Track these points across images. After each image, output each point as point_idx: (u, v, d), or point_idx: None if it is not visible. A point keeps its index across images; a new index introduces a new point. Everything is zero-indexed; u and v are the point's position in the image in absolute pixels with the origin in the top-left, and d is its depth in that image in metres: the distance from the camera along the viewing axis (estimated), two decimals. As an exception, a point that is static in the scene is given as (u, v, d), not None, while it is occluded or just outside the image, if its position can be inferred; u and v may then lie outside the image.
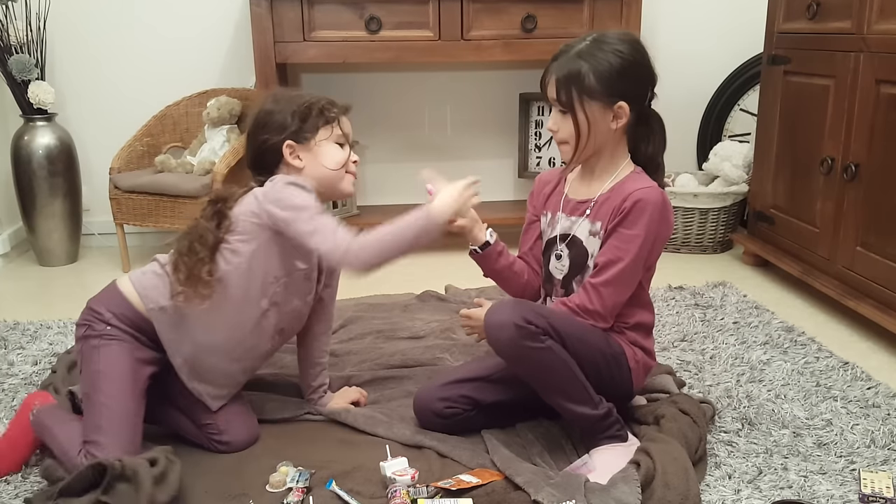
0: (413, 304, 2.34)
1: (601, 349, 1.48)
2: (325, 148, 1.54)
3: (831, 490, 1.40)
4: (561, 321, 1.44)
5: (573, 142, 1.48)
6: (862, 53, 2.12)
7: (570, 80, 1.44)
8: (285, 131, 1.51)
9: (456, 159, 3.22)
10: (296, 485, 1.38)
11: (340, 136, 1.56)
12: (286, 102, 1.54)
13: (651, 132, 1.52)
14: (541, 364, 1.41)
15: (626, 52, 1.44)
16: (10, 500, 1.40)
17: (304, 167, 1.53)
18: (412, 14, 2.62)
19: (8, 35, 2.68)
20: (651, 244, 1.46)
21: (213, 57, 3.01)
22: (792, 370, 1.90)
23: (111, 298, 1.49)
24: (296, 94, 1.58)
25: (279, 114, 1.52)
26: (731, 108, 3.18)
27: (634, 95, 1.46)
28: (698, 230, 2.90)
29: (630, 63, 1.44)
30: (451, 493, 1.34)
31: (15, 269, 2.83)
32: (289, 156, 1.52)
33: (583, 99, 1.44)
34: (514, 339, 1.39)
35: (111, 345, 1.45)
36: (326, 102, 1.55)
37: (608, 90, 1.43)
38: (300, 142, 1.52)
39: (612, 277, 1.45)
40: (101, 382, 1.42)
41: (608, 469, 1.40)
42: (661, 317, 2.24)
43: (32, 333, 2.15)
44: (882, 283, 2.05)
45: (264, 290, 1.50)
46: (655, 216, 1.44)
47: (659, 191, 1.47)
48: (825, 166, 2.27)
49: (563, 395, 1.44)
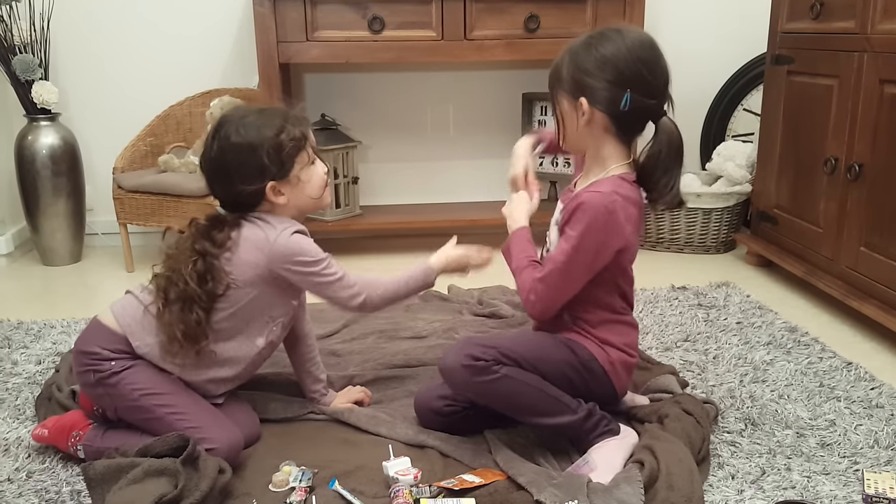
0: (415, 303, 2.34)
1: (566, 359, 1.47)
2: (306, 176, 1.49)
3: (835, 490, 1.40)
4: (513, 343, 1.45)
5: (562, 137, 1.50)
6: (866, 53, 2.11)
7: (553, 72, 1.46)
8: (266, 175, 1.44)
9: (458, 159, 3.22)
10: (299, 484, 1.38)
11: (312, 153, 1.52)
12: (254, 136, 1.42)
13: (658, 144, 1.43)
14: (502, 393, 1.42)
15: (604, 50, 1.39)
16: (14, 500, 1.40)
17: (287, 202, 1.49)
18: (415, 14, 2.62)
19: (11, 35, 2.68)
20: (594, 250, 1.40)
21: (217, 57, 3.02)
22: (795, 370, 1.89)
23: (100, 336, 1.45)
24: (257, 122, 1.44)
25: (251, 155, 1.42)
26: (735, 107, 3.18)
27: (600, 95, 1.40)
28: (701, 230, 2.89)
29: (601, 61, 1.38)
30: (454, 492, 1.33)
31: (18, 268, 2.84)
32: (272, 195, 1.46)
33: (556, 91, 1.46)
34: (467, 379, 1.41)
35: (130, 371, 1.43)
36: (293, 126, 1.46)
37: (571, 85, 1.43)
38: (282, 179, 1.46)
39: (547, 275, 1.43)
40: (153, 400, 1.42)
41: (610, 465, 1.40)
42: (664, 317, 2.24)
43: (36, 333, 2.16)
44: (886, 284, 2.05)
45: (261, 331, 1.51)
46: (596, 223, 1.38)
47: (609, 198, 1.38)
48: (829, 166, 2.27)
49: (536, 414, 1.44)
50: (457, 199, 3.20)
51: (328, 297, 1.51)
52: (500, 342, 1.45)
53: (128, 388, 1.42)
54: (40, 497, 1.40)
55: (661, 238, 2.94)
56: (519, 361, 1.42)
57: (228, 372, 1.51)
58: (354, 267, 2.86)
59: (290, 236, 1.45)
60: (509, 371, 1.41)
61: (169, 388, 1.44)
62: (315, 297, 1.54)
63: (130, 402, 1.43)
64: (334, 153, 2.83)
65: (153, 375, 1.44)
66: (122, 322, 1.45)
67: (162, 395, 1.43)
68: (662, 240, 2.94)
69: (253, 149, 1.42)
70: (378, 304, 1.55)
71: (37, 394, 1.77)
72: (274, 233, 1.46)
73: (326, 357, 1.94)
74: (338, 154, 2.85)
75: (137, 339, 1.44)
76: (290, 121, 1.47)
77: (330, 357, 1.94)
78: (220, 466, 1.33)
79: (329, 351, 1.98)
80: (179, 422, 1.40)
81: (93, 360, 1.43)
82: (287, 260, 1.45)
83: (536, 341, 1.50)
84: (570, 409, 1.45)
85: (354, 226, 2.93)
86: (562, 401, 1.45)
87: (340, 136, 2.87)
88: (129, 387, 1.42)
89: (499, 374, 1.40)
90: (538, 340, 1.50)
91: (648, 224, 2.93)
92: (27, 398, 1.77)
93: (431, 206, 3.16)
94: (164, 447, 1.34)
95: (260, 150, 1.42)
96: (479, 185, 3.20)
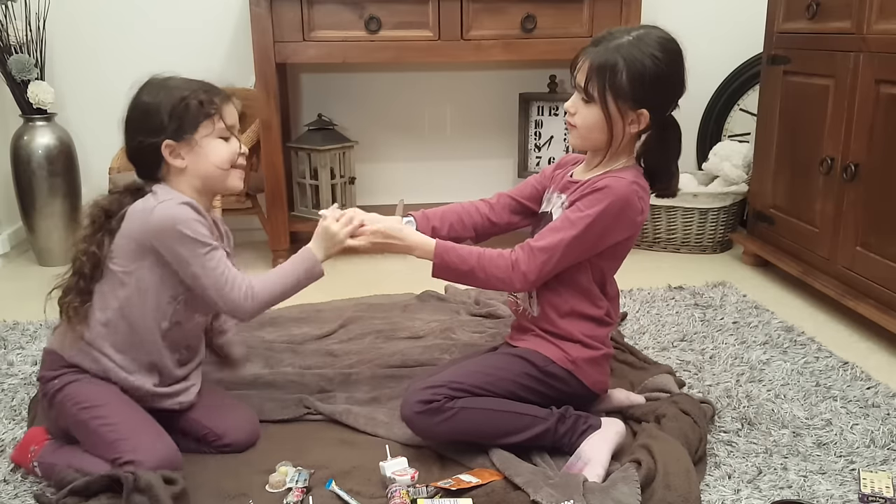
0: (413, 304, 2.34)
1: (522, 371, 1.47)
2: (209, 145, 1.43)
3: (831, 490, 1.40)
4: (459, 375, 1.45)
5: (584, 131, 1.47)
6: (862, 53, 2.12)
7: (603, 72, 1.41)
8: (163, 132, 1.40)
9: (455, 159, 3.22)
10: (295, 485, 1.38)
11: (224, 129, 1.45)
12: (163, 95, 1.42)
13: (666, 140, 1.49)
14: (466, 426, 1.42)
15: (663, 59, 1.40)
16: (10, 501, 1.40)
17: (186, 166, 1.43)
18: (412, 14, 2.62)
19: (7, 35, 2.67)
20: (601, 232, 1.42)
21: (213, 57, 3.01)
22: (791, 370, 1.90)
23: (47, 360, 1.47)
24: (173, 84, 1.45)
25: (155, 112, 1.41)
26: (731, 107, 3.19)
27: (658, 105, 1.43)
28: (698, 230, 2.89)
29: (664, 73, 1.40)
30: (451, 493, 1.33)
31: (14, 268, 2.83)
32: (169, 156, 1.42)
33: (609, 94, 1.41)
34: (428, 425, 1.42)
35: (71, 386, 1.42)
36: (205, 94, 1.44)
37: (635, 94, 1.41)
38: (180, 140, 1.41)
39: (549, 245, 1.43)
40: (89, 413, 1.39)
41: (600, 455, 1.41)
42: (661, 317, 2.24)
43: (32, 333, 2.15)
44: (882, 283, 2.05)
45: (163, 312, 1.44)
46: (614, 207, 1.41)
47: (632, 187, 1.43)
48: (825, 166, 2.27)
49: (507, 434, 1.44)
50: (454, 199, 3.19)
51: (207, 290, 1.39)
52: (447, 378, 1.44)
53: (69, 403, 1.41)
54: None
55: (657, 238, 2.94)
56: (470, 390, 1.42)
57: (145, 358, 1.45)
58: (353, 267, 2.88)
59: (174, 206, 1.37)
60: (464, 403, 1.41)
61: (106, 401, 1.41)
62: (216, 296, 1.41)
63: (71, 418, 1.41)
64: (331, 153, 2.83)
65: (94, 388, 1.42)
66: (55, 340, 1.47)
67: (98, 407, 1.39)
68: (659, 239, 2.94)
69: (157, 105, 1.41)
70: (265, 301, 1.43)
71: (32, 395, 1.77)
72: (155, 201, 1.39)
73: (323, 357, 1.94)
74: (334, 154, 2.85)
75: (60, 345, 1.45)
76: (208, 91, 1.44)
77: (327, 357, 1.94)
78: (166, 477, 1.29)
79: (326, 351, 1.98)
80: (110, 433, 1.36)
81: (43, 384, 1.46)
82: (163, 232, 1.36)
83: (484, 364, 1.49)
84: (539, 419, 1.45)
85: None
86: (528, 414, 1.45)
87: (337, 136, 2.87)
88: (70, 402, 1.41)
89: (455, 409, 1.41)
90: (486, 362, 1.50)
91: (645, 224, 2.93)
92: (23, 399, 1.77)
93: (429, 206, 3.14)
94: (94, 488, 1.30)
95: (162, 108, 1.41)
96: (477, 184, 3.20)
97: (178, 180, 1.45)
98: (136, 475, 1.27)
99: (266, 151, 2.64)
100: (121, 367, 1.44)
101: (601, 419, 1.50)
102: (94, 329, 1.43)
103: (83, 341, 1.43)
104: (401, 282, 2.53)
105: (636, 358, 1.91)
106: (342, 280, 2.64)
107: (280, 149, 2.67)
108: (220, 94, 1.47)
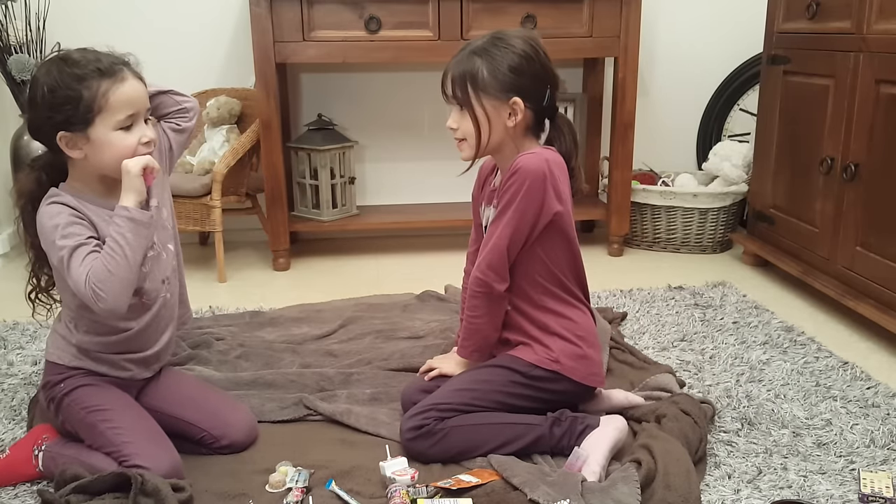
0: (413, 304, 2.34)
1: (508, 380, 1.49)
2: (106, 137, 1.33)
3: (831, 490, 1.40)
4: (445, 396, 1.47)
5: (472, 139, 1.50)
6: (861, 53, 2.12)
7: (465, 77, 1.47)
8: (54, 122, 1.31)
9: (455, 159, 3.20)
10: (295, 485, 1.38)
11: (122, 120, 1.33)
12: (60, 78, 1.30)
13: (560, 134, 1.52)
14: (461, 444, 1.44)
15: (519, 48, 1.45)
16: (10, 501, 1.40)
17: (85, 155, 1.35)
18: (412, 14, 2.62)
19: (7, 35, 2.68)
20: (535, 211, 1.44)
21: (213, 57, 3.01)
22: (791, 370, 1.90)
23: (47, 371, 1.49)
24: (69, 68, 1.31)
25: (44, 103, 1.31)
26: (731, 107, 3.18)
27: (530, 92, 1.46)
28: (698, 230, 2.89)
29: (523, 59, 1.45)
30: (451, 492, 1.33)
31: (14, 269, 2.83)
32: (66, 147, 1.33)
33: (478, 95, 1.46)
34: (420, 448, 1.44)
35: (78, 390, 1.44)
36: (98, 84, 1.30)
37: (501, 86, 1.45)
38: (75, 132, 1.32)
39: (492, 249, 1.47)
40: (97, 416, 1.41)
41: (598, 450, 1.41)
42: (661, 317, 2.24)
43: (32, 333, 2.15)
44: (881, 283, 2.05)
45: None
46: (537, 179, 1.43)
47: (542, 156, 1.45)
48: (825, 166, 2.27)
49: (503, 445, 1.45)
50: (454, 199, 3.20)
51: (68, 276, 1.32)
52: (434, 400, 1.47)
53: (76, 406, 1.44)
54: (36, 499, 1.40)
55: (657, 238, 2.94)
56: (458, 409, 1.45)
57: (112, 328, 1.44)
58: (352, 267, 2.88)
59: (43, 206, 1.34)
60: (454, 421, 1.43)
61: (113, 405, 1.44)
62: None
63: (79, 421, 1.43)
64: (331, 153, 2.83)
65: (100, 392, 1.45)
66: (49, 351, 1.50)
67: (106, 410, 1.42)
68: (659, 240, 2.94)
69: (52, 84, 1.31)
70: (111, 286, 1.29)
71: (32, 395, 1.76)
72: (44, 199, 1.36)
73: (323, 357, 1.94)
74: (334, 154, 2.85)
75: (57, 356, 1.47)
76: (99, 80, 1.31)
77: (327, 357, 1.94)
78: (174, 485, 1.30)
79: (326, 351, 1.98)
80: (118, 436, 1.39)
81: (49, 389, 1.47)
82: (40, 234, 1.35)
83: (469, 380, 1.51)
84: (532, 426, 1.46)
85: (351, 226, 2.92)
86: (521, 422, 1.46)
87: (337, 136, 2.87)
88: (77, 405, 1.44)
89: (445, 429, 1.43)
90: (470, 378, 1.52)
91: (646, 224, 2.94)
92: (23, 399, 1.77)
93: (428, 205, 3.15)
94: (102, 485, 1.32)
95: (58, 93, 1.31)
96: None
97: (82, 165, 1.37)
98: (143, 477, 1.28)
99: (266, 151, 2.64)
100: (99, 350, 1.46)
101: (600, 418, 1.50)
102: (65, 316, 1.48)
103: (58, 335, 1.48)
104: (401, 282, 2.53)
105: (636, 358, 1.91)
106: (342, 280, 2.64)
107: (280, 149, 2.67)
108: (117, 76, 1.32)
